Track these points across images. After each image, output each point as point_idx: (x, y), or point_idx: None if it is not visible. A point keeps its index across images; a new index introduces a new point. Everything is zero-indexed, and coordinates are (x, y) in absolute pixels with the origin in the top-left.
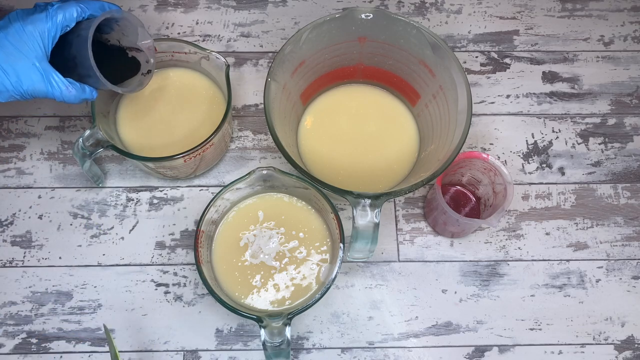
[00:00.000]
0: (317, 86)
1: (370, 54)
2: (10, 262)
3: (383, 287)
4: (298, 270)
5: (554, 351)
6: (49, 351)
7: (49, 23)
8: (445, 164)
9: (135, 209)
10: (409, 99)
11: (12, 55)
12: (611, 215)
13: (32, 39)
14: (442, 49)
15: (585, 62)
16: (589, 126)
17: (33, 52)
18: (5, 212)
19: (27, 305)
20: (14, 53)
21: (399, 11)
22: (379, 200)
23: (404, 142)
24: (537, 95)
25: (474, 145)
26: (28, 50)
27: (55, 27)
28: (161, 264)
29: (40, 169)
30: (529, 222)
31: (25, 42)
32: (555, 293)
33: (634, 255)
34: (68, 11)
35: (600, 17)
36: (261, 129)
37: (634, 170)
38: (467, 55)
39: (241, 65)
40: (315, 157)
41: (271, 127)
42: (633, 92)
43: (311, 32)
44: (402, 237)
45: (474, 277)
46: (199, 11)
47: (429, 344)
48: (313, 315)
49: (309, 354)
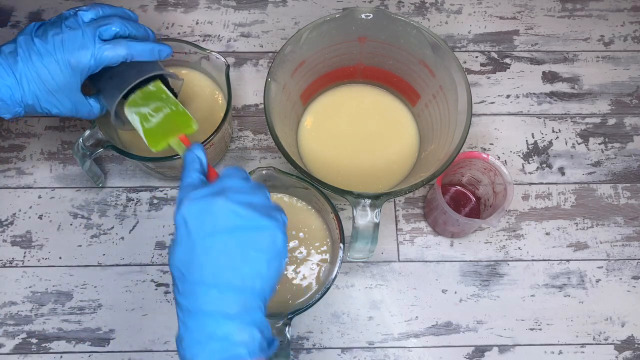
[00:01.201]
0: (317, 86)
1: (370, 54)
2: (10, 262)
3: (383, 287)
4: (298, 270)
5: (554, 351)
6: (49, 351)
7: (91, 61)
8: (445, 164)
9: (136, 209)
10: (409, 99)
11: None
12: (611, 215)
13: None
14: (442, 49)
15: (585, 62)
16: (589, 126)
17: (68, 86)
18: (5, 212)
19: (27, 305)
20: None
21: (399, 11)
22: (379, 200)
23: (404, 142)
24: (537, 95)
25: (474, 145)
26: (64, 83)
27: (96, 67)
28: (161, 264)
29: (40, 169)
30: (529, 222)
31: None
32: (555, 293)
33: (634, 255)
34: (115, 57)
35: (600, 17)
36: (261, 129)
37: (634, 170)
38: (467, 55)
39: (241, 65)
40: (315, 157)
41: (271, 127)
42: (633, 92)
43: (311, 32)
44: (402, 237)
45: (474, 277)
46: (199, 11)
47: (429, 344)
48: (313, 315)
49: (309, 354)
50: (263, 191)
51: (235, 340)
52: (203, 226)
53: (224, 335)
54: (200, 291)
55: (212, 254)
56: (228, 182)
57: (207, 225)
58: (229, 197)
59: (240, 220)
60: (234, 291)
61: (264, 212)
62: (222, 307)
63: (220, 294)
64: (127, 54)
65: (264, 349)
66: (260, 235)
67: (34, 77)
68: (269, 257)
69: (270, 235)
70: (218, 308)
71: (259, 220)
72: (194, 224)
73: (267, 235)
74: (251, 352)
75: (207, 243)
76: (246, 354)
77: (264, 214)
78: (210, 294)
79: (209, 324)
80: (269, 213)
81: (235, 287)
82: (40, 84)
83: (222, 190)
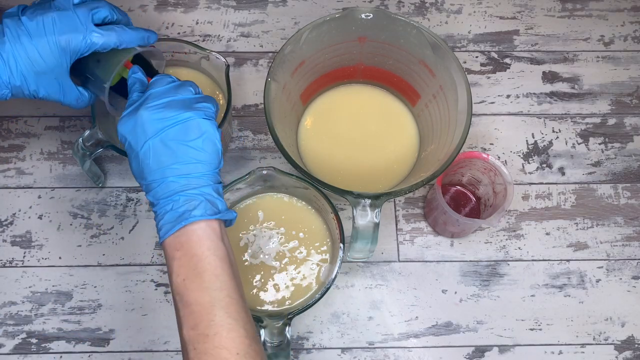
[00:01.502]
0: (317, 86)
1: (370, 54)
2: (10, 262)
3: (383, 287)
4: (298, 271)
5: (554, 351)
6: (49, 351)
7: (81, 45)
8: (445, 164)
9: (135, 209)
10: (409, 99)
11: (36, 64)
12: (611, 215)
13: (61, 56)
14: (442, 49)
15: (586, 62)
16: (589, 126)
17: (58, 68)
18: (5, 212)
19: (27, 305)
20: (39, 62)
21: (399, 11)
22: (379, 200)
23: (404, 142)
24: (537, 95)
25: (474, 145)
26: (54, 64)
27: (87, 50)
28: (161, 264)
29: (40, 169)
30: (529, 222)
31: (53, 55)
32: (556, 293)
33: (634, 255)
34: (106, 43)
35: (600, 17)
36: (261, 129)
37: (634, 170)
38: (467, 55)
39: (241, 65)
40: (315, 157)
41: (271, 127)
42: (633, 92)
43: (311, 32)
44: (402, 237)
45: (474, 277)
46: (199, 11)
47: (429, 344)
48: (313, 315)
49: (309, 354)
50: (186, 88)
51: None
52: (137, 138)
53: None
54: (157, 185)
55: (152, 157)
56: (150, 91)
57: (139, 135)
58: (149, 105)
59: (162, 122)
60: (181, 177)
61: (183, 106)
62: (173, 189)
63: (171, 182)
64: (118, 41)
65: (215, 212)
66: (185, 127)
67: (22, 58)
68: (198, 143)
69: (194, 124)
70: (170, 191)
71: (179, 115)
72: (131, 139)
73: (191, 125)
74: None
75: (145, 149)
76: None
77: (183, 108)
78: (163, 185)
79: (166, 204)
80: (189, 106)
81: (181, 174)
82: (29, 64)
83: (144, 100)
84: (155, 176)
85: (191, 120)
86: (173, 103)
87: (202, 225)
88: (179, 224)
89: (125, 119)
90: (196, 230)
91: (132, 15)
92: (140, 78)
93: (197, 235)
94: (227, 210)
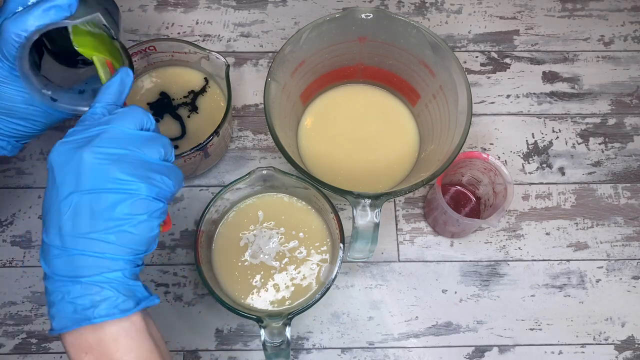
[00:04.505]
0: (317, 86)
1: (370, 54)
2: (10, 262)
3: (383, 287)
4: (298, 270)
5: (554, 351)
6: (49, 351)
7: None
8: (445, 164)
9: None
10: (409, 99)
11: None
12: (611, 215)
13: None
14: (442, 49)
15: (586, 62)
16: (589, 126)
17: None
18: (5, 212)
19: (27, 305)
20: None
21: (399, 11)
22: (379, 200)
23: (404, 142)
24: (537, 95)
25: (474, 145)
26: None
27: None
28: (161, 264)
29: (40, 169)
30: (529, 222)
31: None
32: (556, 293)
33: (634, 255)
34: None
35: (600, 17)
36: (261, 129)
37: (634, 170)
38: (467, 55)
39: (241, 65)
40: (315, 157)
41: (271, 127)
42: (633, 92)
43: (311, 32)
44: (402, 237)
45: (474, 277)
46: (199, 11)
47: (429, 344)
48: (313, 315)
49: (309, 354)
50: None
51: (82, 301)
52: (65, 181)
53: (73, 299)
54: (57, 255)
55: (71, 214)
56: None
57: (68, 180)
58: (97, 149)
59: (103, 181)
60: (91, 254)
61: (138, 172)
62: (76, 266)
63: (76, 257)
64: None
65: (130, 306)
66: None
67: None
68: (132, 223)
69: (139, 204)
70: (72, 268)
71: (127, 184)
72: (59, 175)
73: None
74: (106, 313)
75: (68, 201)
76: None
77: (136, 175)
78: (65, 258)
79: (59, 286)
80: (145, 175)
81: (92, 250)
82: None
83: (96, 138)
84: (60, 242)
85: (138, 197)
86: (128, 161)
87: (116, 321)
88: (78, 323)
89: (64, 147)
90: (109, 327)
91: (132, 15)
92: (124, 83)
93: (110, 334)
94: (148, 297)
